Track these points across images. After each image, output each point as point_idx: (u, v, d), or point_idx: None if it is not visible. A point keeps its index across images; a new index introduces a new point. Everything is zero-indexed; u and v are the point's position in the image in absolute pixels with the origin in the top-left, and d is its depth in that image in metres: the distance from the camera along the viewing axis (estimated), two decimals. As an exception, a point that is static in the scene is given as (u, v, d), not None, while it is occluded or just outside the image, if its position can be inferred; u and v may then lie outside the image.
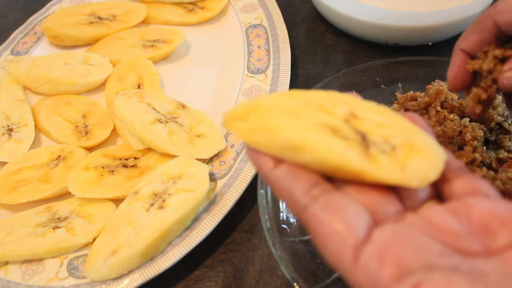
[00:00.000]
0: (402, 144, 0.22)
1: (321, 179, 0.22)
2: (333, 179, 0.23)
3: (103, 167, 0.46)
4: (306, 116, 0.22)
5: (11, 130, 0.51)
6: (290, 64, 0.52)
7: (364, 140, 0.22)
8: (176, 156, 0.45)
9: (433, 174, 0.22)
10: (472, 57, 0.32)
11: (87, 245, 0.42)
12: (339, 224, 0.20)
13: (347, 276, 0.20)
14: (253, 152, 0.24)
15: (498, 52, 0.30)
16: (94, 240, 0.41)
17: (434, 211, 0.21)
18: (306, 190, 0.22)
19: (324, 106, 0.23)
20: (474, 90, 0.33)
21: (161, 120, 0.47)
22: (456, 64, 0.33)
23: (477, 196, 0.22)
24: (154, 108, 0.48)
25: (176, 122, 0.47)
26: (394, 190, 0.23)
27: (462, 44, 0.33)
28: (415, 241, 0.20)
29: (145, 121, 0.46)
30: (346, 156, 0.21)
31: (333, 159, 0.21)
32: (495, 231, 0.20)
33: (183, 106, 0.49)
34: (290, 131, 0.22)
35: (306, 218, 0.22)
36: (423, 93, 0.42)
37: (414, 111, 0.41)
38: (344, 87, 0.47)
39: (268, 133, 0.22)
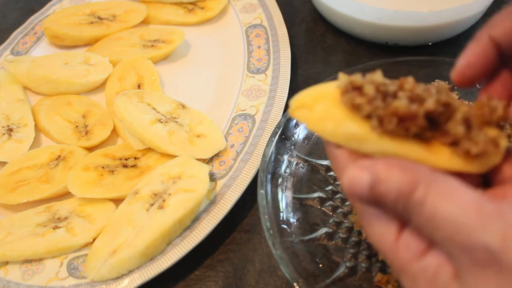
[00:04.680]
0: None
1: None
2: None
3: (103, 167, 0.46)
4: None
5: (11, 130, 0.51)
6: (290, 64, 0.52)
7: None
8: (176, 156, 0.45)
9: (496, 158, 0.23)
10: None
11: (87, 245, 0.42)
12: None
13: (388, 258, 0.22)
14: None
15: None
16: (94, 240, 0.41)
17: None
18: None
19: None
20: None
21: (161, 120, 0.47)
22: (474, 52, 0.27)
23: None
24: (154, 108, 0.48)
25: (176, 122, 0.47)
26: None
27: (493, 30, 0.27)
28: None
29: (145, 121, 0.46)
30: (406, 149, 0.22)
31: (394, 152, 0.22)
32: None
33: (183, 106, 0.49)
34: (355, 122, 0.23)
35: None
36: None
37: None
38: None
39: (334, 124, 0.23)
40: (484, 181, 0.24)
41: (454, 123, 0.22)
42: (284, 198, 0.40)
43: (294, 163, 0.43)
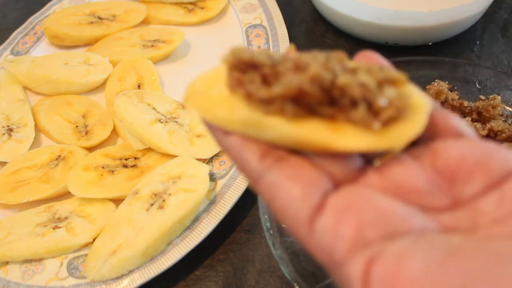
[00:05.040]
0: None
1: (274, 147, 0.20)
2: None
3: (103, 167, 0.46)
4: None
5: (11, 130, 0.51)
6: (290, 64, 0.52)
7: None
8: (176, 156, 0.45)
9: (415, 131, 0.19)
10: None
11: (87, 245, 0.42)
12: (292, 194, 0.18)
13: (307, 248, 0.19)
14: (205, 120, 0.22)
15: None
16: (94, 240, 0.41)
17: (395, 164, 0.19)
18: (259, 159, 0.20)
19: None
20: None
21: (161, 120, 0.47)
22: None
23: (445, 139, 0.19)
24: (154, 108, 0.48)
25: (176, 122, 0.47)
26: None
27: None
28: (373, 205, 0.17)
29: (145, 121, 0.46)
30: (309, 132, 0.19)
31: (296, 137, 0.19)
32: (464, 179, 0.18)
33: (183, 106, 0.49)
34: (249, 106, 0.20)
35: (261, 188, 0.20)
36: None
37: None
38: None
39: (227, 109, 0.20)
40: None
41: (349, 87, 0.19)
42: (284, 198, 0.40)
43: (294, 163, 0.43)
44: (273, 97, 0.19)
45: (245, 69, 0.20)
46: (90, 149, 0.49)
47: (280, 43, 0.55)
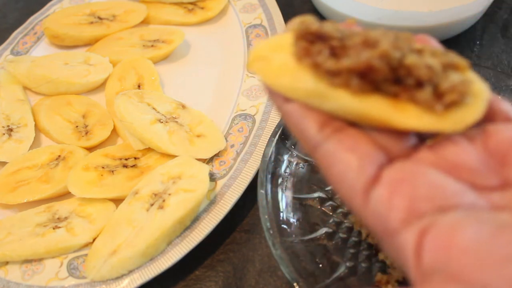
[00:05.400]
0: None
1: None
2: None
3: (103, 167, 0.46)
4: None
5: (11, 130, 0.51)
6: (290, 64, 0.52)
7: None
8: (176, 156, 0.45)
9: (474, 117, 0.19)
10: None
11: (87, 245, 0.42)
12: (349, 165, 0.19)
13: (361, 217, 0.19)
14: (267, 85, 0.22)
15: None
16: (94, 240, 0.41)
17: (448, 143, 0.20)
18: (319, 128, 0.21)
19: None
20: None
21: (161, 120, 0.47)
22: None
23: (496, 122, 0.20)
24: (154, 108, 0.48)
25: (176, 122, 0.47)
26: None
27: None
28: (426, 179, 0.18)
29: (145, 121, 0.46)
30: (371, 106, 0.19)
31: (358, 110, 0.20)
32: None
33: (183, 106, 0.49)
34: (314, 76, 0.20)
35: (318, 156, 0.21)
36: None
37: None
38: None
39: (291, 77, 0.21)
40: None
41: (416, 67, 0.19)
42: (284, 198, 0.40)
43: (294, 163, 0.43)
44: (340, 69, 0.19)
45: (312, 40, 0.21)
46: (90, 149, 0.49)
47: (280, 43, 0.54)
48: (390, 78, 0.20)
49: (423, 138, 0.21)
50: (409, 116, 0.19)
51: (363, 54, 0.19)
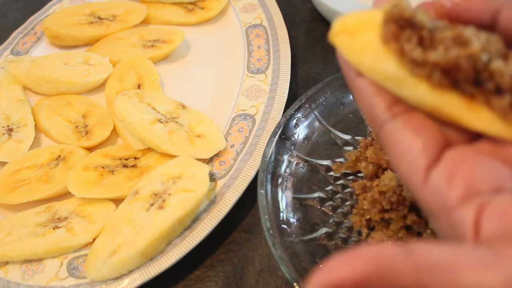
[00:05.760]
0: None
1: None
2: None
3: (103, 167, 0.46)
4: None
5: (11, 130, 0.51)
6: (290, 64, 0.52)
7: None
8: (176, 156, 0.45)
9: None
10: None
11: (87, 245, 0.42)
12: (413, 144, 0.20)
13: (416, 195, 0.20)
14: (343, 56, 0.23)
15: None
16: (94, 240, 0.41)
17: (508, 142, 0.21)
18: (387, 106, 0.21)
19: None
20: None
21: (161, 120, 0.47)
22: None
23: None
24: (154, 108, 0.48)
25: (176, 122, 0.47)
26: None
27: None
28: (485, 163, 0.20)
29: (145, 121, 0.46)
30: (445, 101, 0.20)
31: (431, 103, 0.20)
32: None
33: (183, 106, 0.49)
34: (396, 62, 0.20)
35: (383, 133, 0.21)
36: None
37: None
38: (344, 87, 0.47)
39: (373, 58, 0.21)
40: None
41: (500, 74, 0.19)
42: (284, 198, 0.40)
43: (294, 163, 0.43)
44: (426, 61, 0.20)
45: (402, 25, 0.21)
46: (90, 149, 0.49)
47: (280, 43, 0.55)
48: (472, 78, 0.20)
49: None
50: (481, 119, 0.20)
51: (453, 51, 0.19)
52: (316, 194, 0.42)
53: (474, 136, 0.21)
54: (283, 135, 0.43)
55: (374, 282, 0.17)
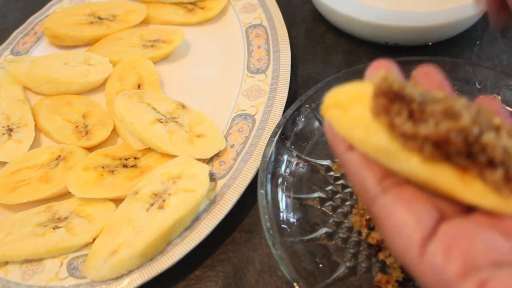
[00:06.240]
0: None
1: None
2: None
3: (103, 167, 0.46)
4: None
5: (11, 130, 0.51)
6: (290, 64, 0.52)
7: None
8: (176, 156, 0.45)
9: None
10: None
11: (87, 245, 0.42)
12: (407, 219, 0.20)
13: (412, 270, 0.20)
14: (331, 130, 0.23)
15: None
16: (94, 240, 0.41)
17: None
18: (378, 180, 0.21)
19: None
20: None
21: (161, 120, 0.47)
22: None
23: None
24: (154, 108, 0.48)
25: (176, 122, 0.47)
26: None
27: None
28: (483, 236, 0.19)
29: (145, 121, 0.46)
30: (438, 174, 0.20)
31: (423, 176, 0.20)
32: None
33: (183, 106, 0.49)
34: (387, 135, 0.20)
35: (375, 208, 0.21)
36: None
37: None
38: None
39: (364, 131, 0.21)
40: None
41: (492, 147, 0.19)
42: (284, 198, 0.40)
43: (294, 163, 0.43)
44: (417, 135, 0.20)
45: (392, 98, 0.21)
46: (90, 149, 0.49)
47: (280, 43, 0.55)
48: (463, 151, 0.20)
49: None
50: (474, 192, 0.20)
51: (443, 124, 0.19)
52: (316, 194, 0.42)
53: (468, 208, 0.21)
54: (283, 135, 0.43)
55: None
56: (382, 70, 0.23)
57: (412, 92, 0.21)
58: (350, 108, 0.22)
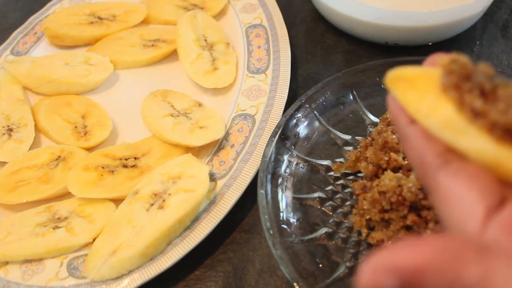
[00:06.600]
0: None
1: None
2: None
3: (103, 167, 0.46)
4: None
5: (11, 130, 0.51)
6: (290, 64, 0.52)
7: None
8: (174, 142, 0.46)
9: None
10: None
11: (87, 245, 0.42)
12: (471, 188, 0.19)
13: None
14: (395, 103, 0.22)
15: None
16: (94, 240, 0.41)
17: None
18: (439, 153, 0.20)
19: None
20: None
21: (173, 115, 0.49)
22: None
23: None
24: (172, 106, 0.50)
25: (187, 116, 0.49)
26: None
27: None
28: None
29: (158, 115, 0.49)
30: (506, 156, 0.19)
31: (491, 155, 0.19)
32: None
33: (200, 105, 0.50)
34: (457, 111, 0.19)
35: (435, 180, 0.20)
36: None
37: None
38: (344, 87, 0.47)
39: (432, 104, 0.20)
40: None
41: None
42: (284, 198, 0.40)
43: (294, 163, 0.43)
44: (487, 113, 0.19)
45: (464, 77, 0.20)
46: (89, 149, 0.49)
47: (280, 43, 0.55)
48: None
49: None
50: None
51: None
52: (316, 194, 0.42)
53: None
54: (283, 135, 0.43)
55: (437, 272, 0.16)
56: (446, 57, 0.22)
57: (482, 79, 0.20)
58: (416, 82, 0.21)
